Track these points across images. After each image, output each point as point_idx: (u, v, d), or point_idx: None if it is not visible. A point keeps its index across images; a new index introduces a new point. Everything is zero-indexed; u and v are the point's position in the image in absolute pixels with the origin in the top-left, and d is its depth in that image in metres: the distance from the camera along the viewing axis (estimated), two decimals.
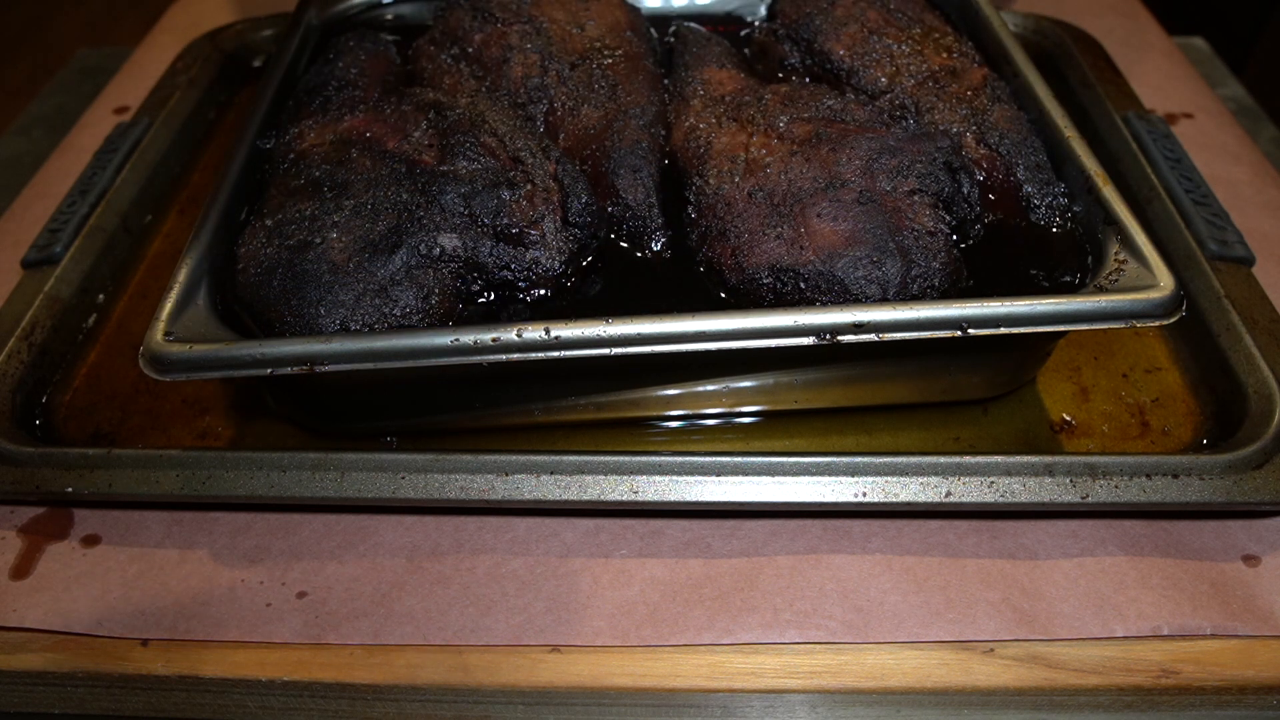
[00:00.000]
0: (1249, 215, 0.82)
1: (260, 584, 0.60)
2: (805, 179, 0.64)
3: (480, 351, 0.56)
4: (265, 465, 0.61)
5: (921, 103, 0.73)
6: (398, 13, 0.94)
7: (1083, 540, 0.61)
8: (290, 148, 0.70)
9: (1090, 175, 0.65)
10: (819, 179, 0.63)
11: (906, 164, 0.64)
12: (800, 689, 0.56)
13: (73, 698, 0.59)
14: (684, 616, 0.58)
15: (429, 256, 0.61)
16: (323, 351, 0.56)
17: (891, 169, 0.64)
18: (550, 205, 0.64)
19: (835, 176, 0.63)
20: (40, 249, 0.78)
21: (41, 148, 1.06)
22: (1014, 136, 0.69)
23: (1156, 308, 0.57)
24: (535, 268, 0.63)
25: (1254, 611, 0.58)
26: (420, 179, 0.64)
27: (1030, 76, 0.74)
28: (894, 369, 0.65)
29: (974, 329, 0.56)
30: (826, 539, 0.62)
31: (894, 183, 0.63)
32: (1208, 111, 0.98)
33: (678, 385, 0.65)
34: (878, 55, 0.76)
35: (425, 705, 0.58)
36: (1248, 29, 1.54)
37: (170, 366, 0.57)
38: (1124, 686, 0.56)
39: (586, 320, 0.56)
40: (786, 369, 0.63)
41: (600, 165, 0.70)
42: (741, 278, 0.62)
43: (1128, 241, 0.61)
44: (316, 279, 0.60)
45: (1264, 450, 0.60)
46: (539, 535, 0.63)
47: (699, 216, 0.66)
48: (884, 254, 0.60)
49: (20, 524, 0.64)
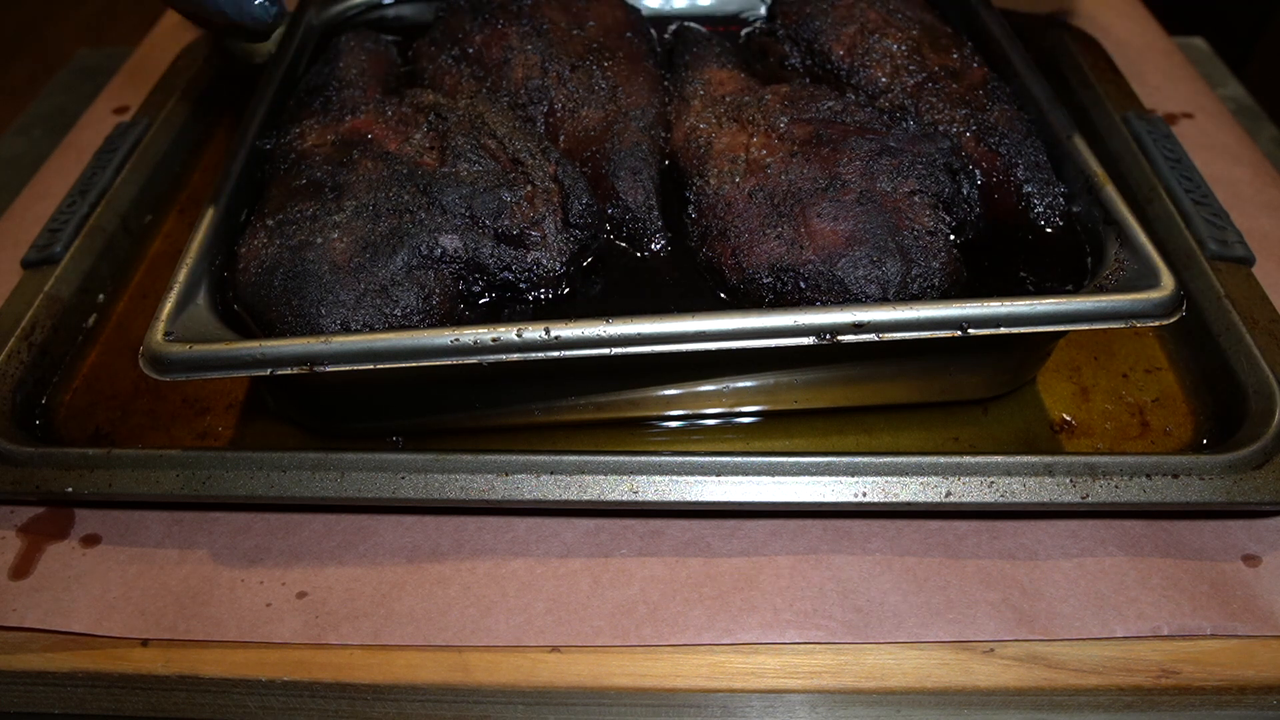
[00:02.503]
0: (1249, 215, 0.82)
1: (260, 584, 0.60)
2: (805, 179, 0.64)
3: (480, 351, 0.56)
4: (265, 465, 0.61)
5: (921, 103, 0.73)
6: (398, 13, 0.94)
7: (1083, 540, 0.61)
8: (291, 148, 0.70)
9: (1090, 175, 0.65)
10: (819, 179, 0.63)
11: (906, 165, 0.64)
12: (800, 689, 0.56)
13: (72, 698, 0.59)
14: (684, 616, 0.58)
15: (430, 257, 0.62)
16: (323, 351, 0.56)
17: (891, 169, 0.64)
18: (551, 206, 0.64)
19: (835, 177, 0.63)
20: (40, 249, 0.78)
21: (41, 148, 1.06)
22: (1014, 136, 0.69)
23: (1156, 307, 0.57)
24: (536, 269, 0.63)
25: (1254, 611, 0.58)
26: (421, 180, 0.64)
27: (1029, 77, 0.74)
28: (894, 369, 0.65)
29: (974, 329, 0.56)
30: (827, 539, 0.62)
31: (894, 183, 0.63)
32: (1208, 111, 0.98)
33: (678, 385, 0.65)
34: (878, 55, 0.76)
35: (425, 705, 0.58)
36: (1248, 29, 1.54)
37: (170, 366, 0.57)
38: (1124, 686, 0.56)
39: (586, 320, 0.56)
40: (787, 369, 0.63)
41: (600, 167, 0.70)
42: (741, 277, 0.62)
43: (1128, 241, 0.61)
44: (317, 279, 0.60)
45: (1264, 450, 0.60)
46: (539, 535, 0.63)
47: (699, 216, 0.66)
48: (884, 254, 0.60)
49: (20, 524, 0.64)
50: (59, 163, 0.94)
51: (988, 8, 0.82)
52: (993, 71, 0.76)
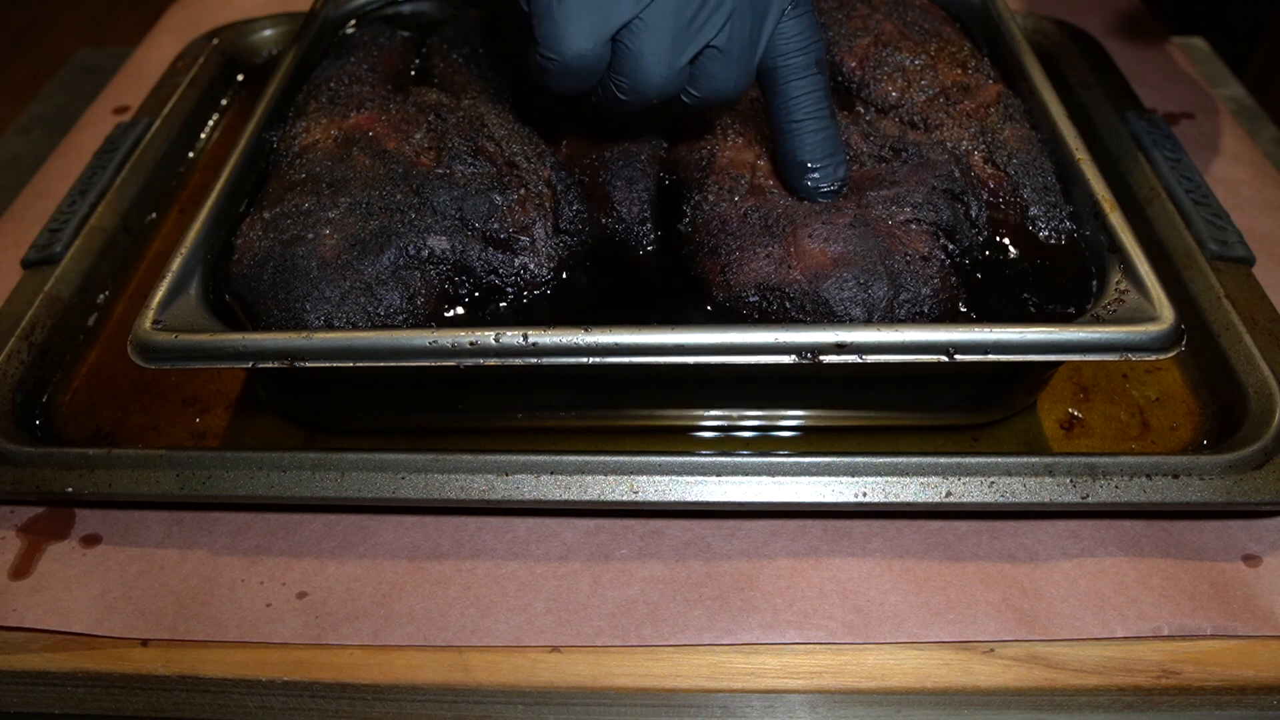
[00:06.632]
0: (1249, 215, 0.82)
1: (260, 584, 0.60)
2: (802, 204, 0.63)
3: (458, 354, 0.56)
4: (265, 465, 0.61)
5: (931, 118, 0.72)
6: (416, 9, 0.94)
7: (1083, 540, 0.61)
8: (295, 141, 0.70)
9: (1097, 200, 0.64)
10: (815, 205, 0.63)
11: (903, 194, 0.63)
12: (800, 689, 0.56)
13: (73, 698, 0.59)
14: (684, 616, 0.58)
15: (417, 258, 0.62)
16: (303, 347, 0.56)
17: (887, 200, 0.63)
18: (542, 211, 0.64)
19: (831, 204, 0.63)
20: (40, 249, 0.78)
21: (41, 148, 1.06)
22: (1023, 156, 0.68)
23: (1154, 341, 0.55)
24: (523, 273, 0.63)
25: (1254, 611, 0.58)
26: (415, 180, 0.64)
27: (1046, 95, 0.73)
28: (883, 395, 0.64)
29: (961, 354, 0.55)
30: (826, 539, 0.62)
31: (889, 211, 0.62)
32: (1208, 111, 0.98)
33: (671, 407, 0.64)
34: (889, 69, 0.75)
35: (425, 705, 0.58)
36: (1248, 29, 1.54)
37: (155, 354, 0.57)
38: (1124, 687, 0.56)
39: (565, 328, 0.56)
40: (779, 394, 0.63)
41: (597, 175, 0.70)
42: (728, 294, 0.61)
43: (1130, 270, 0.60)
44: (305, 274, 0.60)
45: (1264, 450, 0.60)
46: (539, 535, 0.63)
47: (693, 230, 0.65)
48: (872, 277, 0.59)
49: (20, 524, 0.64)
50: (59, 163, 0.94)
51: (1011, 21, 0.82)
52: (1008, 88, 0.75)
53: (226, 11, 1.13)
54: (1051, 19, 1.02)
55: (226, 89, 1.02)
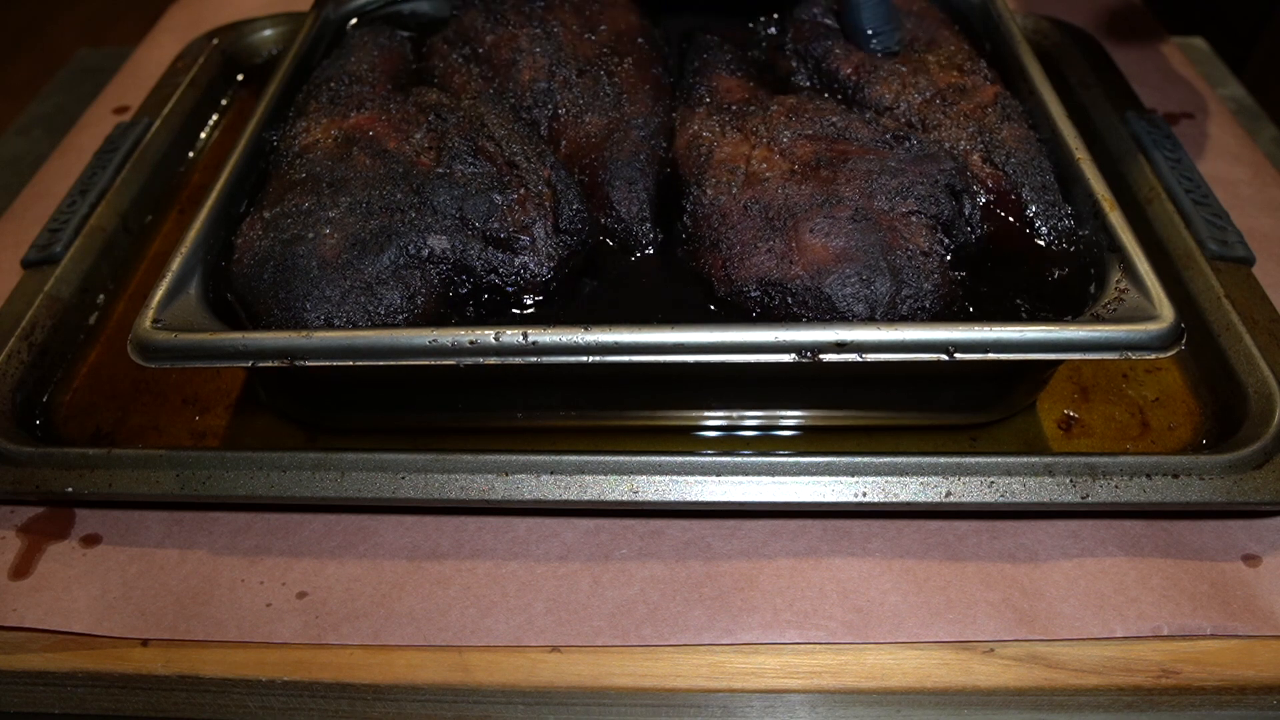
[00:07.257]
0: (1249, 215, 0.82)
1: (260, 584, 0.60)
2: (802, 195, 0.63)
3: (458, 353, 0.56)
4: (265, 465, 0.61)
5: (928, 120, 0.71)
6: (415, 9, 0.94)
7: (1083, 540, 0.61)
8: (295, 141, 0.70)
9: (1097, 199, 0.64)
10: (816, 195, 0.63)
11: (907, 184, 0.63)
12: (800, 689, 0.56)
13: (72, 698, 0.59)
14: (684, 616, 0.58)
15: (417, 257, 0.62)
16: (303, 346, 0.56)
17: (890, 189, 0.63)
18: (542, 211, 0.64)
19: (832, 194, 0.62)
20: (40, 249, 0.78)
21: (41, 148, 1.06)
22: (1021, 156, 0.68)
23: (1153, 340, 0.55)
24: (523, 273, 0.63)
25: (1254, 611, 0.58)
26: (415, 180, 0.64)
27: (1046, 94, 0.73)
28: (883, 395, 0.64)
29: (960, 353, 0.55)
30: (826, 539, 0.62)
31: (892, 202, 0.62)
32: (1208, 111, 0.98)
33: (673, 408, 0.64)
34: (884, 74, 0.75)
35: (425, 705, 0.58)
36: (1248, 29, 1.54)
37: (155, 353, 0.57)
38: (1124, 686, 0.56)
39: (564, 326, 0.56)
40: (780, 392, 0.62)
41: (597, 175, 0.70)
42: (730, 290, 0.61)
43: (1130, 270, 0.60)
44: (305, 273, 0.60)
45: (1264, 450, 0.60)
46: (539, 535, 0.63)
47: (694, 226, 0.66)
48: (874, 272, 0.59)
49: (20, 524, 0.64)
50: (59, 163, 0.94)
51: (1011, 21, 0.82)
52: (1006, 89, 0.74)
53: (226, 11, 1.13)
54: (1051, 19, 1.02)
55: (226, 89, 1.02)
